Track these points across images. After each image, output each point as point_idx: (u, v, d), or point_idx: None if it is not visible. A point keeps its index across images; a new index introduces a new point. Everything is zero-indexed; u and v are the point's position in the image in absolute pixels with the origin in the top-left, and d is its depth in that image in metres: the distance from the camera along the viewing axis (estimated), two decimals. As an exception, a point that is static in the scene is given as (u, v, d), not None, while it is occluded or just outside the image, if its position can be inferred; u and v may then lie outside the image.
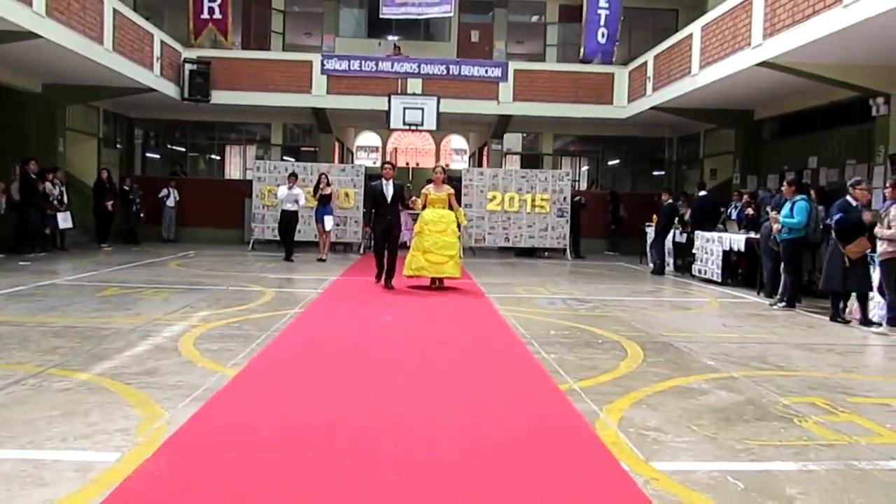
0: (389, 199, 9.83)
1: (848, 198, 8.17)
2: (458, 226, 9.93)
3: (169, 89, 16.32)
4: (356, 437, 3.71)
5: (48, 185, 13.42)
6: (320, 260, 13.70)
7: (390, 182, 9.92)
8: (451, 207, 9.93)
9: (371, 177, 15.20)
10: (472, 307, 8.73)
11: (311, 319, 7.41)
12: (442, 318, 8.00)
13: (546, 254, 17.01)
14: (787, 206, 9.14)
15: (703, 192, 13.37)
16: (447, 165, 11.28)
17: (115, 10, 13.39)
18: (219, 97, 17.15)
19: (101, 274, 10.70)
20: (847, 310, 8.46)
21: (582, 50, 18.21)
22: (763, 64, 11.28)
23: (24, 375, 4.66)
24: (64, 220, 13.95)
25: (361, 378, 5.01)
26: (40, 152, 13.93)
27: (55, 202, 13.62)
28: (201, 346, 5.77)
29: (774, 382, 5.21)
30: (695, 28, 13.86)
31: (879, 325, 7.92)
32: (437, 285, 9.89)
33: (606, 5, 17.87)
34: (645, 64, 16.42)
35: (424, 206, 9.87)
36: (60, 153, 15.00)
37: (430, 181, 10.41)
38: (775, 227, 9.17)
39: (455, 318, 8.06)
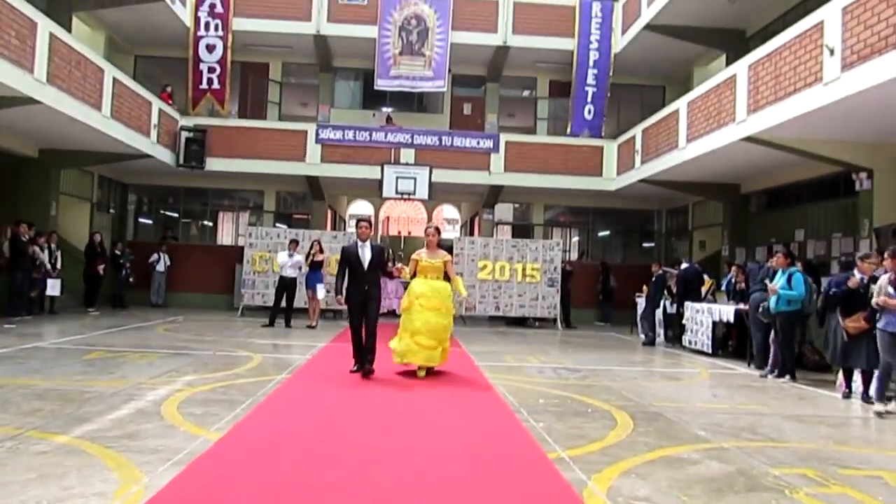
0: (366, 265, 7.95)
1: (855, 270, 8.05)
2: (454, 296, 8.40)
3: (164, 156, 16.52)
4: (339, 504, 3.62)
5: (36, 248, 13.40)
6: (310, 327, 13.63)
7: (367, 243, 8.09)
8: (447, 277, 8.32)
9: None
10: (461, 376, 8.64)
11: (298, 385, 7.32)
12: (429, 386, 7.91)
13: (536, 323, 16.97)
14: (782, 277, 9.14)
15: (685, 265, 13.51)
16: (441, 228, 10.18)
17: (114, 79, 13.67)
18: (214, 164, 17.36)
19: (87, 338, 10.59)
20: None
21: (569, 125, 18.69)
22: (748, 139, 11.53)
23: (2, 437, 4.57)
24: (52, 287, 13.90)
25: (345, 444, 4.93)
26: (33, 216, 13.97)
27: (43, 266, 13.58)
28: (185, 411, 5.67)
29: (765, 453, 5.15)
30: (681, 104, 14.22)
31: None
32: (424, 374, 8.10)
33: (594, 83, 18.45)
34: (633, 138, 16.77)
35: (414, 275, 8.19)
36: (52, 216, 15.04)
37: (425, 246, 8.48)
38: (772, 297, 9.14)
39: (443, 384, 7.96)
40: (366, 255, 8.00)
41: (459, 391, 7.54)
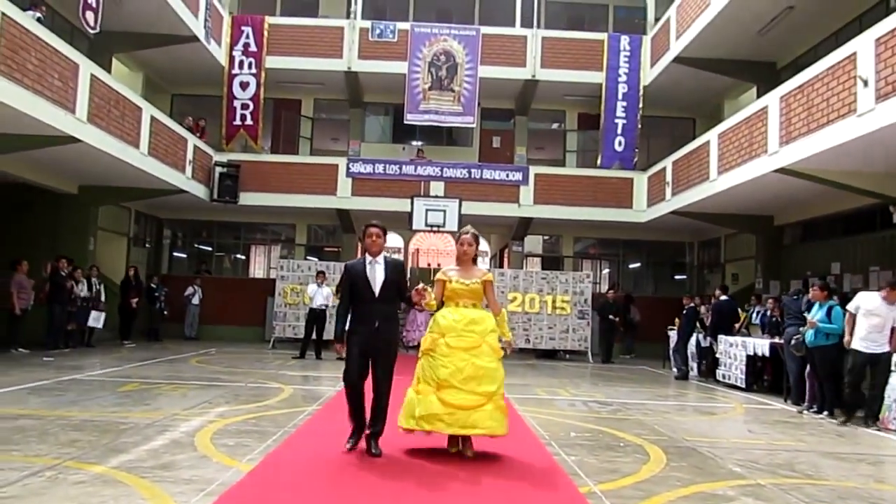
0: (378, 289, 5.57)
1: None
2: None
3: (199, 191, 16.85)
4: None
5: (73, 283, 13.72)
6: (340, 358, 13.63)
7: (380, 259, 5.68)
8: (488, 306, 5.90)
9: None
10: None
11: (328, 417, 7.34)
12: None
13: (567, 356, 16.84)
14: (820, 310, 8.99)
15: (724, 297, 13.32)
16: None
17: (152, 117, 14.05)
18: (247, 199, 17.67)
19: (122, 370, 10.75)
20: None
21: (599, 158, 18.72)
22: (780, 171, 11.43)
23: (41, 467, 4.65)
24: (95, 320, 14.30)
25: (377, 477, 4.92)
26: (72, 251, 14.30)
27: (78, 300, 13.88)
28: (218, 442, 5.73)
29: (803, 491, 5.04)
30: (712, 136, 14.18)
31: None
32: (459, 447, 5.63)
33: (623, 115, 18.49)
34: (664, 170, 16.73)
35: (441, 305, 5.76)
36: (91, 251, 15.38)
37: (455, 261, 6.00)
38: (809, 331, 9.00)
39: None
40: (377, 275, 5.58)
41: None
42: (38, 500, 3.97)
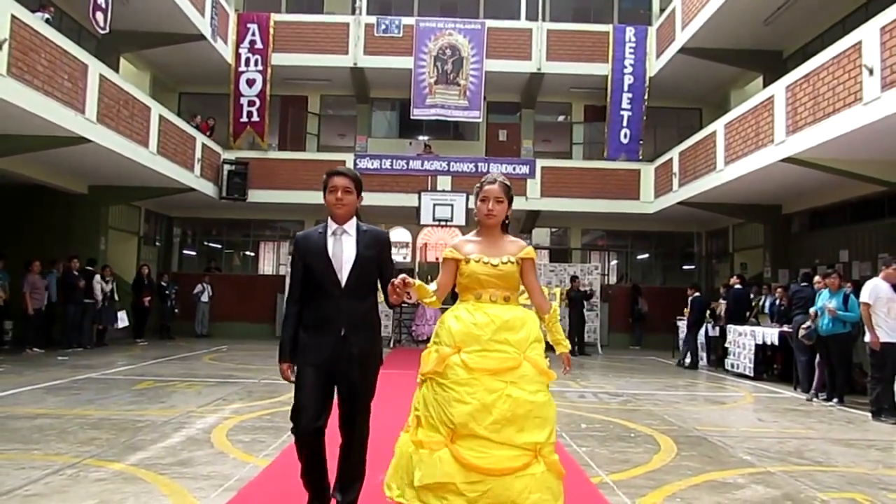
0: (345, 275, 3.61)
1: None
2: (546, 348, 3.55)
3: (208, 189, 16.95)
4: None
5: (94, 282, 14.00)
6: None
7: (350, 227, 3.80)
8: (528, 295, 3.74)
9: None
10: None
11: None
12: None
13: (576, 347, 16.87)
14: (835, 298, 8.97)
15: (738, 286, 13.30)
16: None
17: (160, 116, 14.14)
18: (255, 196, 17.76)
19: (136, 368, 10.88)
20: None
21: (606, 150, 18.73)
22: (787, 160, 11.44)
23: (62, 466, 4.75)
24: (122, 320, 14.74)
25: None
26: (84, 250, 14.44)
27: (95, 300, 14.06)
28: (233, 438, 5.82)
29: (813, 478, 5.10)
30: (718, 126, 14.18)
31: None
32: None
33: (629, 107, 18.48)
34: (671, 160, 16.73)
35: (454, 296, 3.63)
36: (102, 251, 15.51)
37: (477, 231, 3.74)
38: (825, 319, 8.97)
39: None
40: (344, 252, 3.63)
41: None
42: (61, 497, 4.07)
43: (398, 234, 29.16)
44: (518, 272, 3.54)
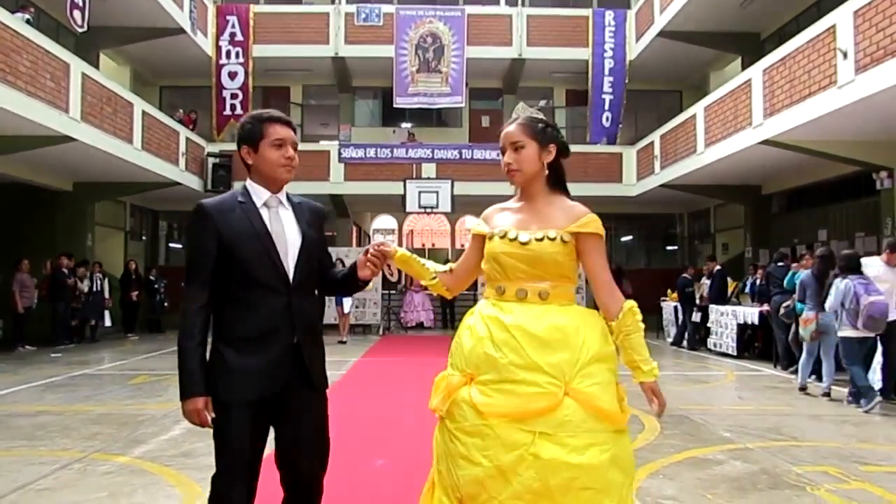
0: (292, 264, 2.51)
1: None
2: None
3: (193, 182, 16.99)
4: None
5: (76, 279, 14.01)
6: (341, 342, 13.96)
7: (283, 197, 2.81)
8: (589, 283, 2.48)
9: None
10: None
11: (334, 401, 7.59)
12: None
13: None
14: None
15: (717, 267, 13.57)
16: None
17: (143, 112, 14.16)
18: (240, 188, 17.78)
19: (129, 363, 11.01)
20: None
21: (588, 134, 18.93)
22: (765, 142, 11.67)
23: (70, 460, 4.92)
24: (108, 320, 15.03)
25: (387, 455, 5.19)
26: (70, 247, 14.48)
27: (82, 296, 14.17)
28: (232, 430, 5.98)
29: (789, 453, 5.35)
30: (698, 109, 14.40)
31: None
32: None
33: (610, 90, 18.68)
34: (652, 143, 16.96)
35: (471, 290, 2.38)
36: (89, 247, 15.56)
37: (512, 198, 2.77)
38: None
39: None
40: (286, 231, 2.62)
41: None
42: (71, 490, 4.24)
43: (384, 222, 29.36)
44: (567, 253, 2.38)
